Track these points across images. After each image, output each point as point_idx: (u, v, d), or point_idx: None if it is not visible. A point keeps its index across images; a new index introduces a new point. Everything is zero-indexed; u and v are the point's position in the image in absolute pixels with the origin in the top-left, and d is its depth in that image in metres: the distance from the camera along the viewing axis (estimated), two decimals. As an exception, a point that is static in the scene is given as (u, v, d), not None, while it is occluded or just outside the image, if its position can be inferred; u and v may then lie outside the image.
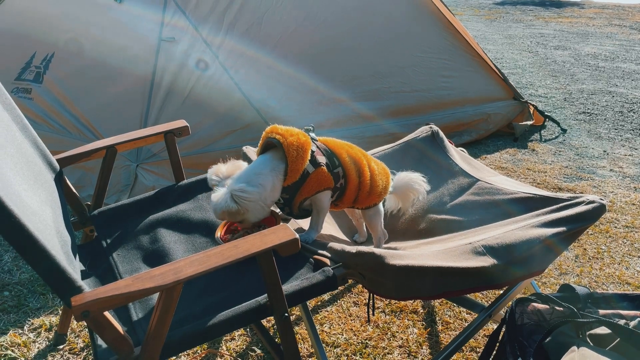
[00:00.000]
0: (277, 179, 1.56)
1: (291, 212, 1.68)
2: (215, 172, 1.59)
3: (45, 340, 2.02)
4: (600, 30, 8.53)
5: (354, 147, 1.76)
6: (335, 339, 2.05)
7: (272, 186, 1.55)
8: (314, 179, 1.59)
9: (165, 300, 1.13)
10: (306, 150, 1.57)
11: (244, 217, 1.54)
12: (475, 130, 3.92)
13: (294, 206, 1.65)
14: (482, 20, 9.45)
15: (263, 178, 1.54)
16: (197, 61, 2.95)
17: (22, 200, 1.14)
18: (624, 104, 4.90)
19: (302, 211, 1.69)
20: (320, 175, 1.60)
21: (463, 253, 1.55)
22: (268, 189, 1.54)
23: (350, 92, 3.45)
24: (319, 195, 1.64)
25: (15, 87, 3.21)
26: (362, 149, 1.80)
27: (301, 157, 1.56)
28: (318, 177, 1.60)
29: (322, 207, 1.68)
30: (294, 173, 1.56)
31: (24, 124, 1.59)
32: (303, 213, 1.71)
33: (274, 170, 1.56)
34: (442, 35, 3.86)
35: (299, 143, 1.56)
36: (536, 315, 1.45)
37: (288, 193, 1.61)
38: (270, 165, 1.56)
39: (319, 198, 1.65)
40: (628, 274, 2.45)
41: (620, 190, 3.28)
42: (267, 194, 1.54)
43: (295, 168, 1.55)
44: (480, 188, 2.01)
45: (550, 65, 6.31)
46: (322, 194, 1.64)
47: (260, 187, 1.53)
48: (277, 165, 1.56)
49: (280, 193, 1.60)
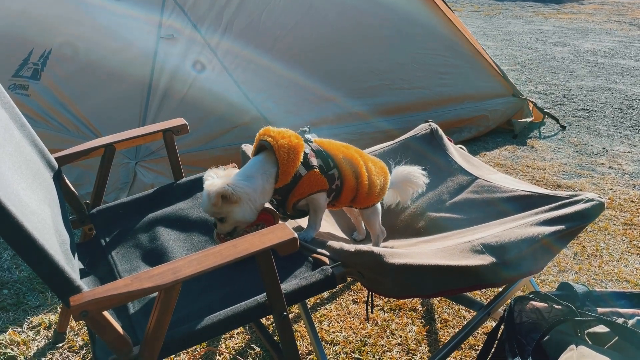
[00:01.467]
0: (267, 182, 1.55)
1: (285, 212, 1.68)
2: (210, 173, 1.59)
3: (45, 338, 2.03)
4: (599, 26, 8.52)
5: (351, 147, 1.75)
6: (334, 336, 2.05)
7: (262, 189, 1.54)
8: (306, 181, 1.59)
9: (164, 299, 1.13)
10: (298, 152, 1.57)
11: (231, 212, 1.51)
12: (474, 127, 3.91)
13: (287, 207, 1.65)
14: (482, 16, 9.43)
15: (254, 181, 1.54)
16: (193, 62, 2.94)
17: (21, 199, 1.14)
18: (623, 100, 4.90)
19: (297, 212, 1.69)
20: (312, 178, 1.60)
21: (462, 251, 1.55)
22: (258, 191, 1.53)
23: (348, 89, 3.44)
24: (313, 196, 1.64)
25: (12, 84, 3.21)
26: (359, 149, 1.80)
27: (292, 159, 1.55)
28: (310, 179, 1.60)
29: (319, 207, 1.68)
30: (285, 176, 1.56)
31: (22, 123, 1.59)
32: (298, 213, 1.70)
33: (265, 174, 1.55)
34: (441, 32, 3.85)
35: (290, 145, 1.56)
36: (535, 313, 1.45)
37: (281, 195, 1.61)
38: (262, 169, 1.56)
39: (314, 199, 1.65)
40: (627, 272, 2.46)
41: (619, 187, 3.28)
42: (257, 196, 1.53)
43: (286, 171, 1.55)
44: (479, 186, 2.01)
45: (549, 61, 6.31)
46: (317, 195, 1.64)
47: (250, 189, 1.52)
48: (269, 169, 1.55)
49: (273, 195, 1.60)
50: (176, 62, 2.98)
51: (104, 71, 3.03)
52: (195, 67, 2.93)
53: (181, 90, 2.96)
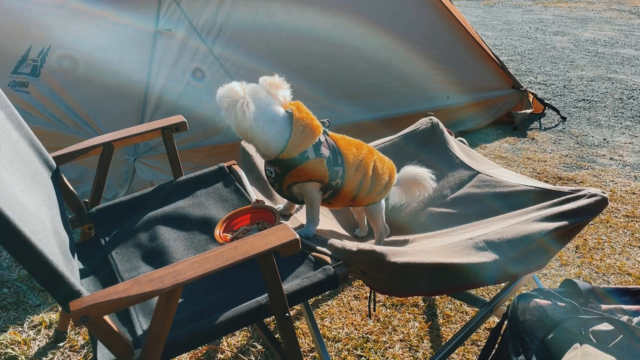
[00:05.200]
0: (282, 127, 1.56)
1: (280, 190, 1.68)
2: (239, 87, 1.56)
3: (46, 337, 2.02)
4: (599, 15, 8.47)
5: (364, 146, 1.74)
6: (336, 333, 2.05)
7: (276, 124, 1.56)
8: (311, 164, 1.58)
9: (165, 303, 1.12)
10: (314, 133, 1.58)
11: (240, 114, 1.51)
12: (474, 120, 3.90)
13: (283, 185, 1.64)
14: (481, 5, 9.38)
15: (277, 117, 1.57)
16: (193, 70, 2.93)
17: (19, 202, 1.13)
18: (624, 90, 4.87)
19: (290, 195, 1.69)
20: (316, 165, 1.59)
21: (464, 249, 1.54)
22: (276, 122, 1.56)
23: (348, 83, 3.42)
24: (307, 185, 1.63)
25: (12, 81, 3.18)
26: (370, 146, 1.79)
27: (305, 136, 1.56)
28: (314, 166, 1.59)
29: (313, 199, 1.67)
30: (293, 148, 1.56)
31: (19, 122, 1.57)
32: (291, 198, 1.71)
33: (284, 124, 1.56)
34: (440, 24, 3.82)
35: (308, 123, 1.57)
36: (538, 311, 1.44)
37: (281, 168, 1.60)
38: (286, 120, 1.57)
39: (307, 188, 1.64)
40: (629, 265, 2.45)
41: (621, 179, 3.27)
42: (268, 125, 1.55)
43: (295, 143, 1.55)
44: (480, 181, 2.00)
45: (549, 51, 6.27)
46: (311, 184, 1.63)
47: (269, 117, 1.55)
48: (285, 129, 1.56)
49: (273, 166, 1.61)
50: (174, 57, 2.95)
51: (103, 66, 3.01)
52: (195, 75, 2.92)
53: (179, 85, 2.94)
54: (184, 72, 2.96)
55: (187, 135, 2.84)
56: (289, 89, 1.63)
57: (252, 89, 1.56)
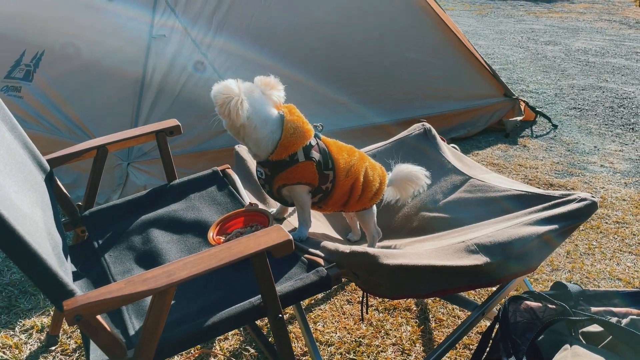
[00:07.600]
0: (274, 128, 1.57)
1: (271, 192, 1.69)
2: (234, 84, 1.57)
3: (37, 341, 2.01)
4: (590, 25, 8.57)
5: (355, 152, 1.75)
6: (329, 337, 2.05)
7: (269, 123, 1.57)
8: (300, 167, 1.60)
9: (158, 303, 1.13)
10: (305, 136, 1.59)
11: (234, 111, 1.52)
12: (466, 127, 3.92)
13: (272, 187, 1.65)
14: (473, 15, 9.45)
15: (270, 118, 1.58)
16: (195, 63, 2.94)
17: (13, 203, 1.13)
18: (614, 99, 4.93)
19: (280, 197, 1.70)
20: (306, 168, 1.61)
21: (456, 252, 1.55)
22: (268, 122, 1.57)
23: (343, 89, 3.44)
24: (296, 188, 1.64)
25: (4, 86, 3.18)
26: (362, 152, 1.80)
27: (295, 139, 1.57)
28: (304, 168, 1.60)
29: (303, 202, 1.68)
30: (282, 149, 1.57)
31: (13, 124, 1.57)
32: (281, 200, 1.72)
33: (275, 125, 1.58)
34: (433, 32, 3.85)
35: (299, 126, 1.58)
36: (529, 313, 1.46)
37: (271, 170, 1.61)
38: (278, 121, 1.59)
39: (296, 191, 1.65)
40: (619, 270, 2.47)
41: (611, 186, 3.30)
42: (261, 123, 1.56)
43: (285, 145, 1.56)
44: (472, 185, 2.02)
45: (541, 60, 6.33)
46: (300, 187, 1.64)
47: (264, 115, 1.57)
48: (276, 130, 1.58)
49: (263, 167, 1.62)
50: (168, 63, 2.96)
51: (96, 72, 3.01)
52: (197, 68, 2.93)
53: (173, 91, 2.94)
54: (179, 73, 2.96)
55: (182, 140, 2.84)
56: (283, 90, 1.64)
57: (247, 88, 1.57)
